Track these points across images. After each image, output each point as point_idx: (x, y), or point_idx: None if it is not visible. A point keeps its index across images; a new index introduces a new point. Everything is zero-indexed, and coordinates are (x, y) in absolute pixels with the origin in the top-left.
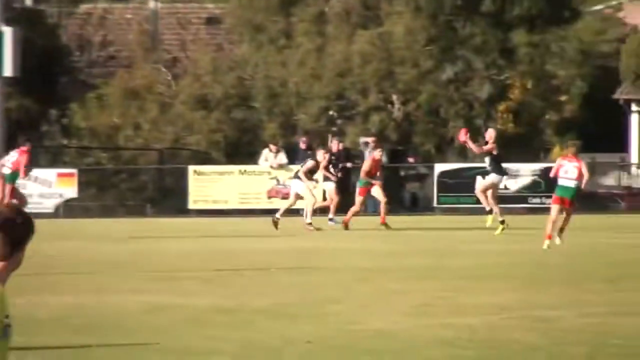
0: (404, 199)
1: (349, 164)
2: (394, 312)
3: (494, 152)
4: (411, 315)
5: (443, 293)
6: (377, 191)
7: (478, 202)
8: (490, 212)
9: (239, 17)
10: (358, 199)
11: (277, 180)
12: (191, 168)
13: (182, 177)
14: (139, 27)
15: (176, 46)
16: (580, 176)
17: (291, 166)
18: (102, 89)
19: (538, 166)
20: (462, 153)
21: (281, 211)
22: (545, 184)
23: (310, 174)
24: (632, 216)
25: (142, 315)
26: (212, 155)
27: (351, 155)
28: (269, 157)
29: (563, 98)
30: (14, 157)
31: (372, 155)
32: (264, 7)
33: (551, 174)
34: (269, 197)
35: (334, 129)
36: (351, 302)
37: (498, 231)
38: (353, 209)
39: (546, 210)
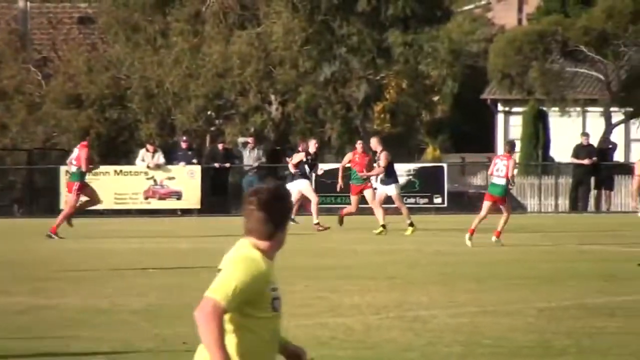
0: None
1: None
2: None
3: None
4: (288, 316)
5: (321, 293)
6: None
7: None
8: (412, 224)
9: (114, 17)
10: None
11: (155, 181)
12: (63, 168)
13: (54, 177)
14: (7, 26)
15: (47, 46)
16: (507, 174)
17: (169, 166)
18: None
19: (412, 166)
20: (340, 153)
21: (315, 215)
22: (420, 183)
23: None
24: (499, 216)
25: (13, 316)
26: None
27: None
28: (146, 157)
29: (435, 98)
30: (76, 153)
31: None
32: (140, 6)
33: (489, 172)
34: (146, 198)
35: (213, 128)
36: None
37: (409, 232)
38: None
39: (422, 210)
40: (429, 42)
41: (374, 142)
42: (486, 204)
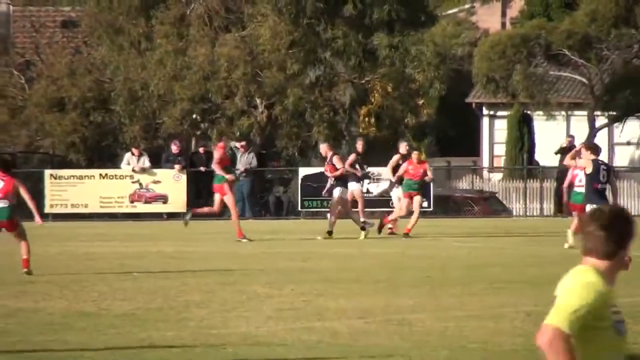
0: (269, 203)
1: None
2: (257, 316)
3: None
4: (275, 319)
5: (307, 297)
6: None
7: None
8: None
9: (98, 20)
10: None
11: (140, 184)
12: (47, 172)
13: (38, 181)
14: None
15: (30, 49)
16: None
17: (155, 170)
18: None
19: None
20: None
21: (393, 215)
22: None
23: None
24: (485, 220)
25: None
26: (70, 159)
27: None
28: (132, 161)
29: (420, 101)
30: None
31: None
32: (124, 10)
33: (567, 182)
34: (132, 201)
35: (198, 132)
36: (214, 307)
37: (362, 236)
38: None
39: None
40: (414, 45)
41: (323, 148)
42: (576, 214)
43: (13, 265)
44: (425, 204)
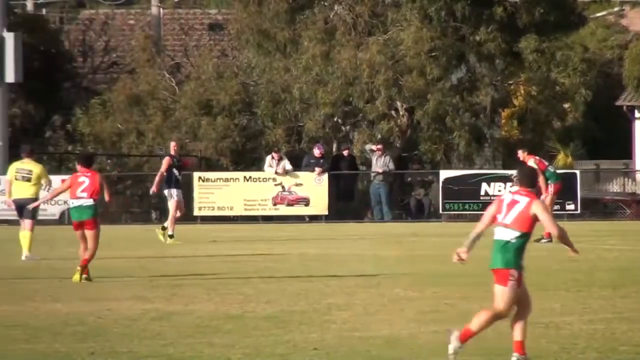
0: (409, 205)
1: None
2: (400, 319)
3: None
4: (418, 322)
5: (450, 300)
6: None
7: (484, 208)
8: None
9: (245, 24)
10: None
11: (283, 187)
12: (196, 175)
13: (188, 183)
14: (142, 32)
15: (179, 52)
16: None
17: (297, 172)
18: (105, 95)
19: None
20: (467, 160)
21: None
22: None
23: None
24: (637, 223)
25: (148, 322)
26: (218, 162)
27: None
28: (273, 165)
29: (566, 105)
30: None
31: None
32: (271, 14)
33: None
34: (275, 204)
35: (340, 135)
36: (357, 309)
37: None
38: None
39: (554, 216)
40: (560, 50)
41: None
42: None
43: (164, 268)
44: (572, 206)
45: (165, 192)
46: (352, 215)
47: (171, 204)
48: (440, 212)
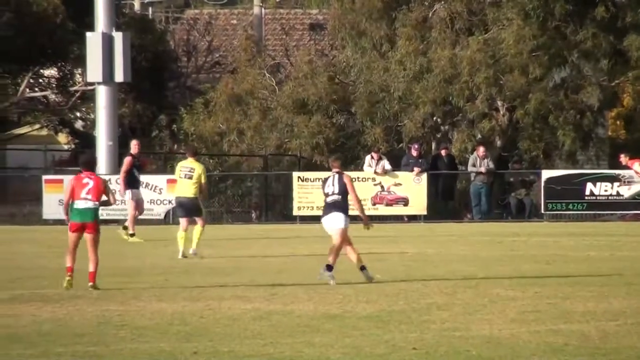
0: (510, 205)
1: None
2: (500, 318)
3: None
4: (518, 322)
5: (552, 300)
6: None
7: (589, 208)
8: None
9: (342, 22)
10: None
11: (382, 187)
12: (295, 174)
13: (287, 183)
14: (245, 32)
15: (280, 52)
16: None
17: (396, 172)
18: (208, 94)
19: None
20: (571, 159)
21: None
22: None
23: None
24: None
25: (249, 322)
26: (315, 160)
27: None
28: (372, 164)
29: None
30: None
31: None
32: (367, 12)
33: None
34: (374, 204)
35: (439, 135)
36: (456, 309)
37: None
38: None
39: None
40: None
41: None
42: None
43: (264, 268)
44: None
45: (126, 192)
46: (451, 215)
47: (130, 204)
48: (542, 211)
